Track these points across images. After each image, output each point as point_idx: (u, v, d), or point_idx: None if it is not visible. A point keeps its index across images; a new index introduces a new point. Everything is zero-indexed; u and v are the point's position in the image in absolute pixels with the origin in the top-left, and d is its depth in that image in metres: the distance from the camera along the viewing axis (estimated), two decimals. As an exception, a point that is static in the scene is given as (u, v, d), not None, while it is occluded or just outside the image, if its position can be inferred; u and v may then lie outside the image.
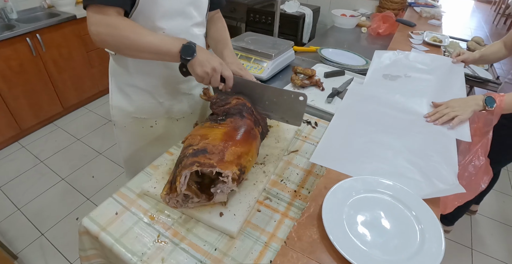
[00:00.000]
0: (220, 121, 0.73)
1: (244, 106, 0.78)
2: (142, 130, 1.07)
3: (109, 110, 1.07)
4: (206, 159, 0.63)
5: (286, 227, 0.73)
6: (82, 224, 0.70)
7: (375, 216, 0.63)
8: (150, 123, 1.07)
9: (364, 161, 0.78)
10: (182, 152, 0.68)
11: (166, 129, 1.10)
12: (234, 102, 0.78)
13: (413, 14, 2.15)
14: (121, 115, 1.04)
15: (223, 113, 0.76)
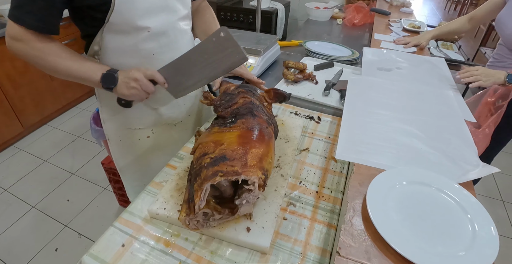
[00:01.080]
0: (231, 123, 0.64)
1: (253, 104, 0.69)
2: (139, 142, 0.96)
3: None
4: (228, 166, 0.54)
5: (318, 232, 0.66)
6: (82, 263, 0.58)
7: (422, 210, 0.58)
8: (146, 133, 0.96)
9: (388, 150, 0.74)
10: (195, 164, 0.58)
11: (164, 137, 1.00)
12: (241, 101, 0.70)
13: (383, 4, 2.18)
14: (114, 129, 0.93)
15: (232, 114, 0.67)
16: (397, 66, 1.15)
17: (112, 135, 0.95)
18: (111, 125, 0.93)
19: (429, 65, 1.20)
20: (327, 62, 1.35)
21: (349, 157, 0.69)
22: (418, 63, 1.21)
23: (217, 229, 0.60)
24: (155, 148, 1.00)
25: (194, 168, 0.57)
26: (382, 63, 1.18)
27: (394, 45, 1.40)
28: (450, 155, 0.75)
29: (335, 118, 1.05)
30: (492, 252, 0.51)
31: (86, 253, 0.58)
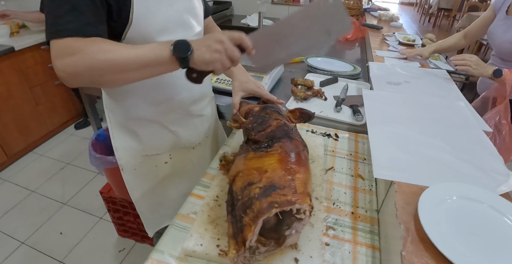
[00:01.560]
0: (267, 148, 0.61)
1: (288, 127, 0.66)
2: (155, 169, 0.91)
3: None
4: (280, 196, 0.50)
5: (363, 256, 0.63)
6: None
7: (476, 225, 0.56)
8: (164, 159, 0.91)
9: (422, 165, 0.72)
10: (241, 194, 0.54)
11: (182, 161, 0.95)
12: (275, 123, 0.66)
13: (371, 18, 2.24)
14: (128, 157, 0.88)
15: (267, 138, 0.63)
16: (405, 79, 1.16)
17: (126, 164, 0.89)
18: (125, 153, 0.88)
19: (433, 77, 1.23)
20: (332, 77, 1.36)
21: (388, 176, 0.67)
22: (422, 75, 1.23)
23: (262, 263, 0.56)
24: (173, 175, 0.95)
25: (240, 199, 0.53)
26: (390, 77, 1.19)
27: (397, 60, 1.42)
28: (479, 166, 0.74)
29: (351, 134, 1.03)
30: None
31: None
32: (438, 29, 6.80)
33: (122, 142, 0.87)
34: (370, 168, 0.89)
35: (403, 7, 9.61)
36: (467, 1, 5.72)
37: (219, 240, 0.59)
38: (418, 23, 7.37)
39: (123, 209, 1.53)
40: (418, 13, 8.30)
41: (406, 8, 9.44)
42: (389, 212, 0.66)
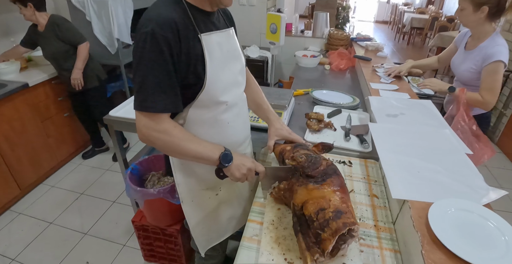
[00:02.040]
0: (322, 181, 0.81)
1: (334, 166, 0.87)
2: (208, 200, 1.08)
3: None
4: (347, 218, 0.70)
5: (389, 258, 0.84)
6: None
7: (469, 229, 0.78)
8: (215, 192, 1.08)
9: (426, 186, 0.94)
10: (316, 217, 0.73)
11: (229, 192, 1.13)
12: (324, 163, 0.87)
13: (359, 49, 2.54)
14: (188, 191, 1.05)
15: (321, 174, 0.83)
16: (400, 111, 1.41)
17: (185, 197, 1.06)
18: (185, 188, 1.05)
19: (421, 108, 1.48)
20: (336, 109, 1.58)
21: (403, 196, 0.88)
22: (413, 106, 1.48)
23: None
24: (221, 204, 1.13)
25: (315, 220, 0.72)
26: (388, 109, 1.43)
27: (391, 93, 1.68)
28: (467, 184, 0.96)
29: (361, 160, 1.25)
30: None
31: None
32: (412, 46, 7.35)
33: (183, 179, 1.04)
34: (381, 188, 1.11)
35: (378, 25, 10.27)
36: (437, 22, 6.27)
37: (284, 254, 0.79)
38: (394, 40, 7.91)
39: (154, 236, 1.67)
40: (393, 31, 8.90)
41: (381, 26, 10.10)
42: (404, 223, 0.87)
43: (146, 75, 0.79)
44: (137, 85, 0.81)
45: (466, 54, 1.64)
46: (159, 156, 1.68)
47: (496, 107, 3.37)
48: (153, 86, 0.79)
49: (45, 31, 2.24)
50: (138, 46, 0.78)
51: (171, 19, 0.78)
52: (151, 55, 0.77)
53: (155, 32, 0.76)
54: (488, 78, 1.49)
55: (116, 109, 1.64)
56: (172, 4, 0.82)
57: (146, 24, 0.77)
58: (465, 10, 1.50)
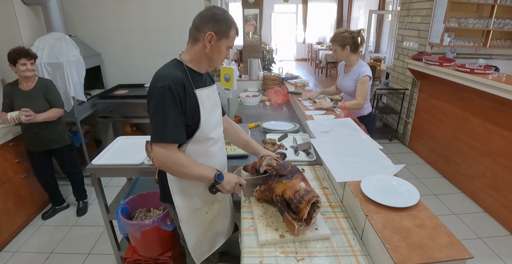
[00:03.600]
0: (291, 177, 1.19)
1: (296, 167, 1.28)
2: (201, 218, 1.37)
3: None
4: (313, 194, 1.08)
5: (343, 222, 1.24)
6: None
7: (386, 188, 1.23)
8: (205, 210, 1.37)
9: (357, 171, 1.38)
10: (294, 198, 1.09)
11: (216, 211, 1.42)
12: (290, 165, 1.26)
13: (290, 86, 3.12)
14: (185, 211, 1.32)
15: (289, 173, 1.22)
16: (330, 128, 1.90)
17: (182, 217, 1.31)
18: (183, 209, 1.31)
19: (344, 123, 2.00)
20: (283, 134, 2.03)
21: (343, 179, 1.31)
22: (338, 124, 2.00)
23: (302, 236, 1.10)
24: (211, 220, 1.41)
25: (294, 198, 1.08)
26: (321, 128, 1.92)
27: (321, 116, 2.21)
28: (381, 166, 1.43)
29: (311, 167, 1.68)
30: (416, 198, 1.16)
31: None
32: (330, 77, 8.58)
33: (181, 201, 1.29)
34: (328, 182, 1.53)
35: (299, 63, 11.68)
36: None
37: (277, 230, 1.13)
38: (314, 74, 9.13)
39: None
40: (312, 66, 10.24)
41: (301, 63, 11.51)
42: (348, 198, 1.29)
43: (165, 116, 1.09)
44: (156, 123, 1.10)
45: (346, 76, 2.41)
46: (142, 195, 1.89)
47: (401, 118, 4.24)
48: (172, 124, 1.10)
49: (32, 91, 2.38)
50: (158, 95, 1.09)
51: (180, 78, 1.12)
52: (169, 101, 1.09)
53: (171, 86, 1.08)
54: (360, 87, 2.28)
55: (97, 157, 1.84)
56: (177, 67, 1.18)
57: (163, 80, 1.10)
58: (337, 50, 2.31)
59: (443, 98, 3.42)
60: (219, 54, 1.21)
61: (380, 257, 1.01)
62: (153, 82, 1.13)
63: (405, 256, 0.92)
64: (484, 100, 2.82)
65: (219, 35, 1.16)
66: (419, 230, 1.03)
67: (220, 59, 1.23)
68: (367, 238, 1.11)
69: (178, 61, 1.22)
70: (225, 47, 1.20)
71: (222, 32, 1.16)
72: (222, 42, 1.18)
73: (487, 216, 2.76)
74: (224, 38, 1.17)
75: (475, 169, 2.93)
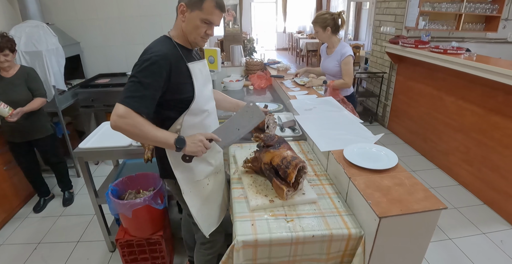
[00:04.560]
0: (278, 146, 1.24)
1: (282, 138, 1.33)
2: (203, 190, 1.40)
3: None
4: (299, 159, 1.14)
5: (329, 188, 1.31)
6: (238, 242, 1.03)
7: (367, 155, 1.30)
8: (206, 182, 1.40)
9: (339, 141, 1.45)
10: (281, 164, 1.15)
11: (215, 183, 1.45)
12: (276, 137, 1.32)
13: (272, 70, 3.16)
14: (186, 183, 1.34)
15: (276, 143, 1.27)
16: (313, 106, 1.97)
17: (185, 188, 1.33)
18: (184, 181, 1.32)
19: (326, 102, 2.08)
20: (269, 113, 2.08)
21: (327, 148, 1.38)
22: (321, 102, 2.07)
23: (290, 201, 1.16)
24: (212, 193, 1.44)
25: (282, 164, 1.14)
26: (305, 106, 1.98)
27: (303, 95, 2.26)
28: (362, 137, 1.51)
29: (296, 142, 1.75)
30: (395, 161, 1.25)
31: (236, 237, 1.03)
32: (311, 65, 8.67)
33: (181, 174, 1.31)
34: (313, 154, 1.60)
35: (280, 52, 11.71)
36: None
37: (266, 196, 1.18)
38: (296, 63, 9.20)
39: (139, 249, 1.84)
40: (293, 55, 10.30)
41: (282, 52, 11.55)
42: (332, 165, 1.36)
43: (142, 83, 1.07)
44: (130, 87, 1.07)
45: (329, 58, 2.49)
46: (131, 177, 1.91)
47: (380, 101, 4.38)
48: (145, 93, 1.07)
49: (13, 78, 2.31)
50: (143, 61, 1.09)
51: (166, 53, 1.13)
52: (151, 72, 1.08)
53: (155, 59, 1.09)
54: (345, 67, 2.35)
55: (84, 142, 1.84)
56: (166, 42, 1.19)
57: (149, 53, 1.11)
58: (319, 32, 2.38)
59: (419, 79, 3.56)
60: (195, 28, 1.18)
61: (363, 214, 1.09)
62: (141, 55, 1.14)
63: (386, 209, 1.00)
64: (457, 79, 2.97)
65: (190, 6, 1.14)
66: (398, 188, 1.12)
67: (198, 33, 1.19)
68: (351, 199, 1.18)
69: (166, 37, 1.23)
70: (199, 20, 1.16)
71: (194, 3, 1.14)
72: (195, 14, 1.15)
73: (462, 188, 2.94)
74: (197, 9, 1.14)
75: (450, 145, 3.10)
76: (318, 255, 1.10)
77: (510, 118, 2.43)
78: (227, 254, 1.07)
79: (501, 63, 2.54)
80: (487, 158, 2.67)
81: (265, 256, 1.07)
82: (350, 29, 8.38)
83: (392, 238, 1.04)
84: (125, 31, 3.54)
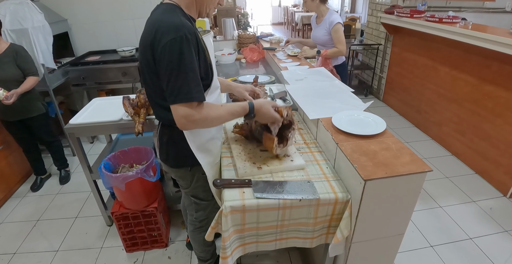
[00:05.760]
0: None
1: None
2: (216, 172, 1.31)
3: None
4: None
5: (318, 155, 1.32)
6: (226, 207, 1.04)
7: (355, 122, 1.30)
8: (218, 162, 1.32)
9: (329, 109, 1.45)
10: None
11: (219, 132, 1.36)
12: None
13: (265, 43, 3.09)
14: (210, 168, 1.25)
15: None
16: (304, 76, 1.94)
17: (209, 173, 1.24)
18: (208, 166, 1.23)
19: (317, 72, 2.05)
20: (260, 85, 2.05)
21: (316, 116, 1.37)
22: (312, 72, 2.04)
23: (278, 167, 1.17)
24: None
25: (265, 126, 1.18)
26: (296, 76, 1.95)
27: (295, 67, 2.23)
28: (352, 105, 1.51)
29: (287, 112, 1.73)
30: (383, 127, 1.25)
31: (224, 203, 1.05)
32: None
33: (205, 159, 1.22)
34: (303, 124, 1.60)
35: (275, 27, 11.43)
36: (319, 17, 7.42)
37: (255, 163, 1.20)
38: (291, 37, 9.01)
39: (134, 221, 1.88)
40: (288, 29, 10.06)
41: (277, 27, 11.28)
42: (321, 133, 1.36)
43: (188, 72, 0.95)
44: (178, 82, 0.96)
45: (318, 27, 2.50)
46: (124, 151, 1.91)
47: (375, 73, 4.33)
48: (195, 80, 0.97)
49: (2, 56, 2.25)
50: (173, 48, 0.93)
51: (191, 26, 0.97)
52: (188, 54, 0.94)
53: (187, 37, 0.94)
54: (336, 35, 2.37)
55: (75, 117, 1.82)
56: (181, 14, 1.03)
57: (176, 30, 0.94)
58: (307, 1, 2.41)
59: (414, 50, 3.50)
60: None
61: (349, 179, 1.10)
62: (161, 33, 0.96)
63: (371, 172, 1.01)
64: (452, 49, 2.92)
65: None
66: (385, 152, 1.12)
67: (213, 3, 1.13)
68: (339, 165, 1.19)
69: (176, 6, 1.06)
70: None
71: None
72: None
73: (454, 158, 2.97)
74: None
75: (443, 115, 3.10)
76: (305, 219, 1.13)
77: (503, 87, 2.41)
78: (216, 220, 1.09)
79: (497, 31, 2.49)
80: (479, 128, 2.68)
81: (253, 220, 1.10)
82: (347, 2, 8.13)
83: (377, 201, 1.06)
84: (113, 6, 3.41)
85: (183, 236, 2.15)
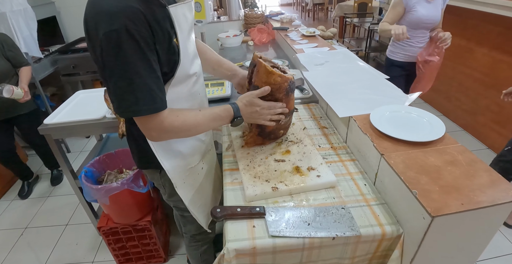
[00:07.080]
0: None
1: None
2: (197, 177, 1.09)
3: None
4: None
5: (350, 166, 1.01)
6: (230, 250, 0.74)
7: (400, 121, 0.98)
8: (200, 166, 1.09)
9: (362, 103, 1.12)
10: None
11: (209, 162, 1.16)
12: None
13: (275, 23, 2.71)
14: (178, 174, 1.02)
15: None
16: (325, 60, 1.59)
17: (177, 181, 1.02)
18: (175, 171, 1.01)
19: (340, 54, 1.69)
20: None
21: (347, 113, 1.04)
22: (334, 55, 1.69)
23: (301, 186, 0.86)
24: (206, 176, 1.14)
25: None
26: (315, 60, 1.60)
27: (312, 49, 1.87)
28: (391, 96, 1.17)
29: (305, 106, 1.40)
30: (442, 130, 0.91)
31: (227, 244, 0.74)
32: (318, 21, 7.99)
33: (171, 165, 0.98)
34: (327, 121, 1.27)
35: (283, 8, 10.84)
36: (336, -5, 6.89)
37: (268, 181, 0.88)
38: (301, 19, 8.50)
39: (125, 236, 1.61)
40: (298, 10, 9.52)
41: (286, 8, 10.70)
42: (354, 136, 1.03)
43: (133, 77, 0.71)
44: (120, 90, 0.72)
45: (431, 5, 2.01)
46: (110, 155, 1.62)
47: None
48: (140, 89, 0.72)
49: None
50: (110, 45, 0.68)
51: (136, 9, 0.69)
52: (132, 53, 0.69)
53: (128, 28, 0.67)
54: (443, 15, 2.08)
55: (51, 116, 1.52)
56: None
57: (112, 20, 0.67)
58: None
59: (444, 28, 3.07)
60: None
61: (402, 205, 0.78)
62: (94, 23, 0.69)
63: (441, 203, 0.69)
64: (492, 26, 2.50)
65: None
66: (452, 168, 0.79)
67: None
68: (382, 183, 0.87)
69: None
70: None
71: None
72: None
73: (491, 152, 2.61)
74: None
75: (478, 103, 2.71)
76: (337, 259, 0.82)
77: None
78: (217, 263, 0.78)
79: (553, 0, 2.07)
80: (524, 118, 2.30)
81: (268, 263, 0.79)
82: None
83: (444, 239, 0.74)
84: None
85: (184, 247, 1.88)
